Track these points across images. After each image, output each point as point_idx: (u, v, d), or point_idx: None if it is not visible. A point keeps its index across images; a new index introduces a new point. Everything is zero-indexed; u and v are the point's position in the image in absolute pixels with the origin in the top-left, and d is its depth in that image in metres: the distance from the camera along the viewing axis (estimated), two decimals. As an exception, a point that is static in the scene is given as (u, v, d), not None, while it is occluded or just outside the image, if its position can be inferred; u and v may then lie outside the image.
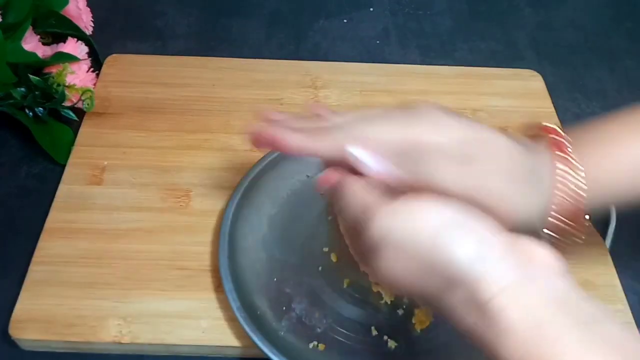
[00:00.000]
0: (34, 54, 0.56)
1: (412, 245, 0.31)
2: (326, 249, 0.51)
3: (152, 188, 0.54)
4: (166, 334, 0.45)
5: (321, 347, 0.45)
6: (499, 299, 0.28)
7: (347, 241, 0.38)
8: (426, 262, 0.30)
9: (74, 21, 0.62)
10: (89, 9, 0.65)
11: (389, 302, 0.47)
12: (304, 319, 0.47)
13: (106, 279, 0.48)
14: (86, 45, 0.60)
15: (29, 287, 0.47)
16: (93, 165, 0.56)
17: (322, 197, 0.54)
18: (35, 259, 0.49)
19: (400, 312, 0.47)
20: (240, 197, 0.52)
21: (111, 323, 0.46)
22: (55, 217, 0.52)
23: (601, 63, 0.72)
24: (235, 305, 0.45)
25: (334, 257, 0.50)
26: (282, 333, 0.45)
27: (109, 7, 0.72)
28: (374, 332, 0.46)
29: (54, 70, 0.57)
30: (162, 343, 0.45)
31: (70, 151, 0.57)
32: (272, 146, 0.38)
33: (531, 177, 0.36)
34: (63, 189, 0.54)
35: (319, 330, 0.46)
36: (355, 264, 0.48)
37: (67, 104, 0.58)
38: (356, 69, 0.67)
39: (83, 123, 0.59)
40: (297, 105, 0.62)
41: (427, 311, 0.47)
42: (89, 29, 0.64)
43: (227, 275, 0.46)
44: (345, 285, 0.49)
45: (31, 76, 0.55)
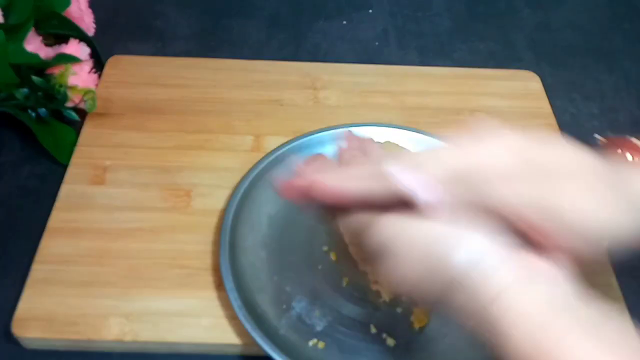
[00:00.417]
0: (36, 55, 0.56)
1: (413, 252, 0.31)
2: (325, 248, 0.51)
3: (153, 188, 0.55)
4: (167, 332, 0.46)
5: (321, 345, 0.45)
6: (499, 301, 0.28)
7: (348, 243, 0.38)
8: (427, 267, 0.31)
9: (76, 22, 0.62)
10: (90, 11, 0.65)
11: (387, 301, 0.48)
12: (303, 317, 0.47)
13: (108, 278, 0.48)
14: (88, 46, 0.61)
15: (31, 286, 0.48)
16: (95, 165, 0.56)
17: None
18: (37, 258, 0.49)
19: (399, 310, 0.48)
20: (241, 197, 0.52)
21: (113, 321, 0.46)
22: (58, 217, 0.52)
23: (599, 64, 0.73)
24: (236, 303, 0.45)
25: (333, 256, 0.51)
26: (282, 331, 0.46)
27: (110, 9, 0.72)
28: (373, 330, 0.47)
29: (56, 71, 0.57)
30: (163, 341, 0.46)
31: (72, 151, 0.57)
32: (306, 194, 0.35)
33: (618, 190, 0.32)
34: (65, 189, 0.54)
35: (318, 329, 0.46)
36: (355, 263, 0.48)
37: (69, 104, 0.58)
38: (355, 69, 0.68)
39: (85, 123, 0.59)
40: (297, 106, 0.63)
41: (425, 310, 0.47)
42: (90, 30, 0.65)
43: (228, 274, 0.47)
44: (344, 284, 0.49)
45: (33, 77, 0.56)
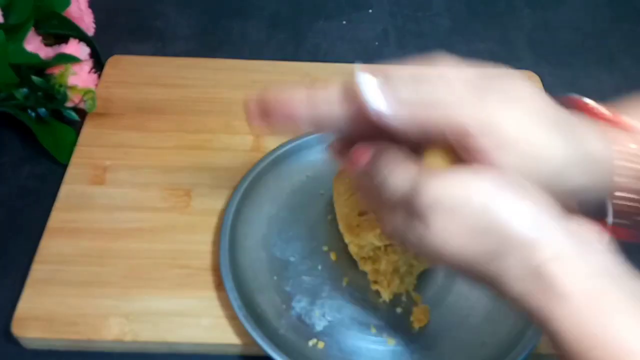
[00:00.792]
0: (36, 55, 0.56)
1: (465, 209, 0.29)
2: (325, 248, 0.51)
3: (153, 188, 0.55)
4: (167, 332, 0.46)
5: (320, 345, 0.45)
6: (555, 263, 0.27)
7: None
8: (479, 225, 0.29)
9: (76, 22, 0.62)
10: (90, 11, 0.65)
11: (387, 301, 0.48)
12: (303, 317, 0.47)
13: (108, 278, 0.48)
14: (88, 46, 0.61)
15: (31, 286, 0.48)
16: (95, 165, 0.56)
17: (321, 195, 0.53)
18: (37, 258, 0.49)
19: (399, 310, 0.48)
20: (241, 196, 0.52)
21: (113, 321, 0.46)
22: (57, 217, 0.52)
23: (599, 64, 0.73)
24: (235, 303, 0.45)
25: (333, 256, 0.51)
26: (282, 331, 0.46)
27: (110, 9, 0.72)
28: (373, 330, 0.47)
29: (56, 71, 0.57)
30: (163, 341, 0.46)
31: (72, 151, 0.57)
32: (275, 114, 0.34)
33: (568, 133, 0.31)
34: (65, 189, 0.54)
35: (318, 329, 0.46)
36: (355, 263, 0.49)
37: (69, 104, 0.58)
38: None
39: (85, 123, 0.59)
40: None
41: (425, 309, 0.47)
42: (90, 30, 0.65)
43: (228, 274, 0.47)
44: (344, 284, 0.49)
45: (33, 77, 0.56)
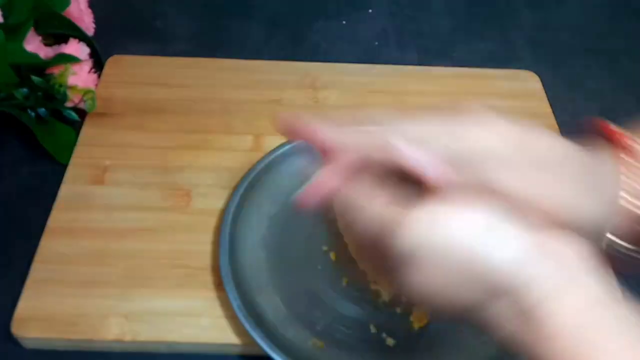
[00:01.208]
0: (36, 55, 0.56)
1: (449, 256, 0.29)
2: (325, 248, 0.51)
3: (153, 188, 0.55)
4: (167, 332, 0.46)
5: (320, 344, 0.45)
6: (544, 304, 0.27)
7: (358, 257, 0.35)
8: (466, 272, 0.29)
9: (76, 22, 0.62)
10: (90, 11, 0.65)
11: (387, 300, 0.48)
12: (303, 317, 0.47)
13: (108, 278, 0.48)
14: (88, 46, 0.61)
15: (31, 285, 0.48)
16: (95, 165, 0.56)
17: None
18: (37, 258, 0.49)
19: (399, 310, 0.48)
20: (241, 197, 0.52)
21: (113, 321, 0.46)
22: (57, 217, 0.52)
23: (599, 64, 0.73)
24: (235, 303, 0.45)
25: (332, 256, 0.51)
26: (282, 331, 0.46)
27: (110, 9, 0.72)
28: (373, 330, 0.47)
29: (56, 71, 0.57)
30: (163, 341, 0.46)
31: (72, 151, 0.57)
32: (304, 135, 0.34)
33: (596, 182, 0.33)
34: (65, 189, 0.54)
35: (318, 328, 0.47)
36: (354, 263, 0.48)
37: (69, 104, 0.58)
38: (355, 69, 0.68)
39: (85, 123, 0.59)
40: (296, 106, 0.63)
41: (426, 309, 0.47)
42: (90, 30, 0.65)
43: (228, 273, 0.47)
44: (344, 284, 0.49)
45: (33, 77, 0.56)
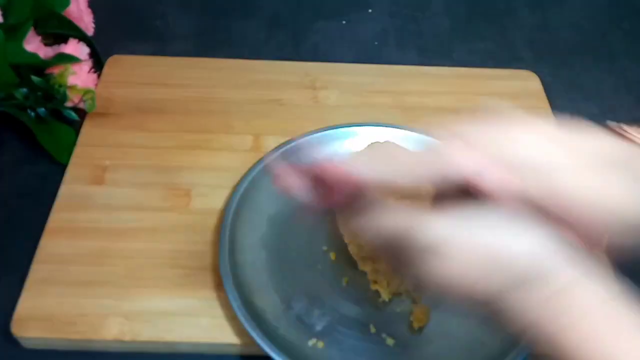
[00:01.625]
0: (35, 55, 0.56)
1: (475, 246, 0.30)
2: (325, 248, 0.51)
3: (152, 188, 0.55)
4: (167, 331, 0.46)
5: (320, 344, 0.45)
6: (568, 292, 0.28)
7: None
8: (492, 260, 0.29)
9: (76, 22, 0.62)
10: (90, 10, 0.65)
11: (387, 301, 0.48)
12: (303, 317, 0.47)
13: (107, 278, 0.48)
14: (87, 46, 0.61)
15: (31, 285, 0.48)
16: (94, 165, 0.56)
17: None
18: (37, 258, 0.49)
19: (399, 310, 0.48)
20: (240, 196, 0.52)
21: (112, 321, 0.46)
22: (57, 217, 0.52)
23: (598, 64, 0.73)
24: (235, 303, 0.45)
25: (332, 256, 0.51)
26: (281, 331, 0.46)
27: (110, 9, 0.72)
28: (373, 330, 0.47)
29: (55, 71, 0.57)
30: (163, 341, 0.46)
31: (71, 151, 0.57)
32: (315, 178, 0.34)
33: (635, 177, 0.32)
34: (65, 189, 0.54)
35: (318, 328, 0.46)
36: (354, 263, 0.49)
37: (69, 104, 0.58)
38: (355, 69, 0.68)
39: (84, 123, 0.59)
40: (296, 106, 0.63)
41: (425, 309, 0.47)
42: (90, 30, 0.65)
43: (228, 273, 0.47)
44: (344, 284, 0.49)
45: (33, 77, 0.56)
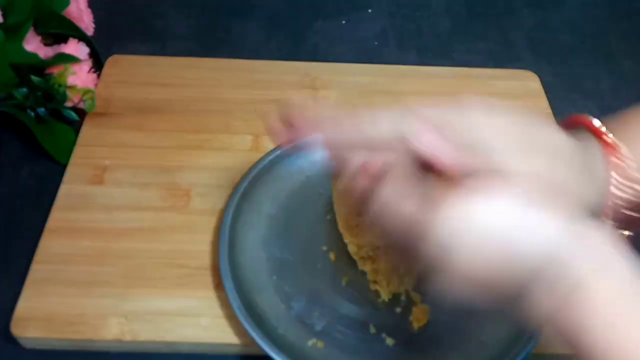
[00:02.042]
0: (35, 55, 0.56)
1: (489, 244, 0.29)
2: (325, 248, 0.51)
3: (152, 188, 0.55)
4: (167, 331, 0.46)
5: (320, 344, 0.45)
6: (583, 284, 0.28)
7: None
8: (506, 257, 0.29)
9: (75, 22, 0.62)
10: (90, 10, 0.65)
11: (386, 301, 0.48)
12: (303, 317, 0.47)
13: (107, 278, 0.48)
14: (87, 46, 0.61)
15: (31, 285, 0.48)
16: (94, 165, 0.56)
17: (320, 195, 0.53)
18: (36, 257, 0.49)
19: (398, 310, 0.48)
20: (240, 196, 0.52)
21: (112, 321, 0.46)
22: (57, 217, 0.52)
23: (598, 63, 0.73)
24: (235, 303, 0.45)
25: (332, 256, 0.51)
26: (281, 331, 0.46)
27: (109, 8, 0.72)
28: (372, 330, 0.47)
29: (55, 70, 0.57)
30: (162, 341, 0.46)
31: (71, 151, 0.57)
32: (302, 136, 0.34)
33: (586, 168, 0.34)
34: (64, 189, 0.54)
35: (318, 328, 0.46)
36: (354, 263, 0.49)
37: (69, 104, 0.58)
38: (355, 69, 0.68)
39: (84, 123, 0.59)
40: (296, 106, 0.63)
41: (424, 309, 0.47)
42: (90, 30, 0.65)
43: (227, 273, 0.47)
44: (343, 284, 0.49)
45: (33, 77, 0.56)
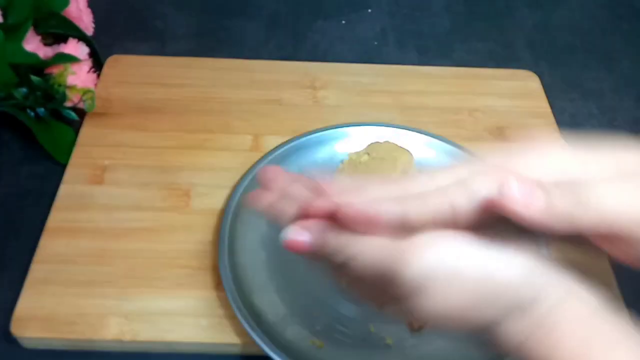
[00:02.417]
0: (35, 55, 0.56)
1: (463, 278, 0.29)
2: (325, 248, 0.51)
3: (152, 187, 0.55)
4: (167, 331, 0.46)
5: (320, 344, 0.45)
6: (552, 312, 0.28)
7: (359, 292, 0.35)
8: (480, 291, 0.29)
9: (75, 22, 0.62)
10: (89, 10, 0.65)
11: (387, 300, 0.48)
12: (303, 317, 0.47)
13: (107, 278, 0.48)
14: (87, 45, 0.60)
15: (31, 285, 0.48)
16: (94, 165, 0.56)
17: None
18: (36, 257, 0.49)
19: (398, 310, 0.48)
20: (240, 196, 0.52)
21: (112, 321, 0.46)
22: (57, 217, 0.52)
23: (598, 64, 0.73)
24: (235, 303, 0.45)
25: (332, 256, 0.51)
26: (281, 331, 0.46)
27: (109, 8, 0.72)
28: (372, 330, 0.47)
29: (55, 70, 0.57)
30: (162, 341, 0.46)
31: (71, 151, 0.57)
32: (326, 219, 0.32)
33: None
34: (64, 189, 0.54)
35: (318, 328, 0.46)
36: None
37: (68, 104, 0.58)
38: (354, 69, 0.68)
39: (84, 123, 0.59)
40: (296, 106, 0.63)
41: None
42: (89, 30, 0.65)
43: (227, 273, 0.47)
44: (344, 284, 0.49)
45: (32, 77, 0.56)
